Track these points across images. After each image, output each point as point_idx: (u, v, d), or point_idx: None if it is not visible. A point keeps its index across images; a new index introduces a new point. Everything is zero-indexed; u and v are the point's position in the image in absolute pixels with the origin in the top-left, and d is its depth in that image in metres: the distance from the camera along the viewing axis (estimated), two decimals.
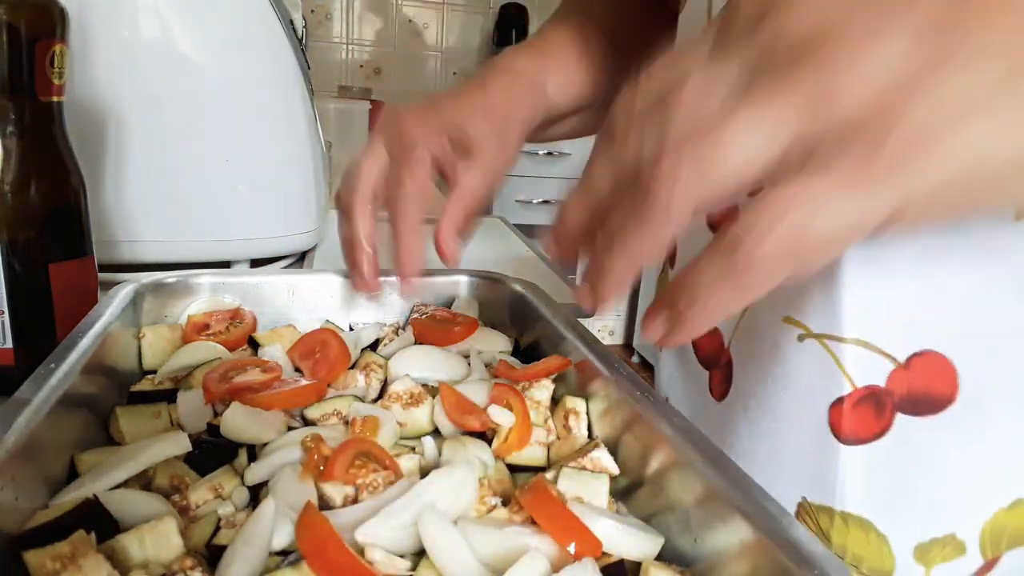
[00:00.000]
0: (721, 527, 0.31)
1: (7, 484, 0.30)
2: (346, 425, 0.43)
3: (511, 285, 0.60)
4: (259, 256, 0.76)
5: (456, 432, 0.43)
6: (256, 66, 0.73)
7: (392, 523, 0.33)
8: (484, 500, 0.37)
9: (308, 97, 0.81)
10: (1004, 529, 0.36)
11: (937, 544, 0.37)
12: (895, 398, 0.36)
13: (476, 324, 0.55)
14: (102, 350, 0.42)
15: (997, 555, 0.36)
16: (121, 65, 0.66)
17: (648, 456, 0.38)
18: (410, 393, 0.45)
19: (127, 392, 0.45)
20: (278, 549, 0.32)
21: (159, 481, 0.36)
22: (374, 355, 0.52)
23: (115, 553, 0.30)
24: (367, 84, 3.03)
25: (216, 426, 0.41)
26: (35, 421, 0.33)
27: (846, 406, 0.37)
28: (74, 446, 0.37)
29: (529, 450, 0.43)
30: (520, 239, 1.02)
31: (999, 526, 0.35)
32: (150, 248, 0.71)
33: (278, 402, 0.42)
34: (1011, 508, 0.35)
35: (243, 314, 0.55)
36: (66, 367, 0.38)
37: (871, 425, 0.37)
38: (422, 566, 0.32)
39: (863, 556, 0.38)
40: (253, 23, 0.72)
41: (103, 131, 0.67)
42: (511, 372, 0.48)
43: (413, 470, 0.39)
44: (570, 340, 0.49)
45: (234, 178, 0.72)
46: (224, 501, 0.36)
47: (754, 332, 0.42)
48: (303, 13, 1.01)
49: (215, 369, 0.45)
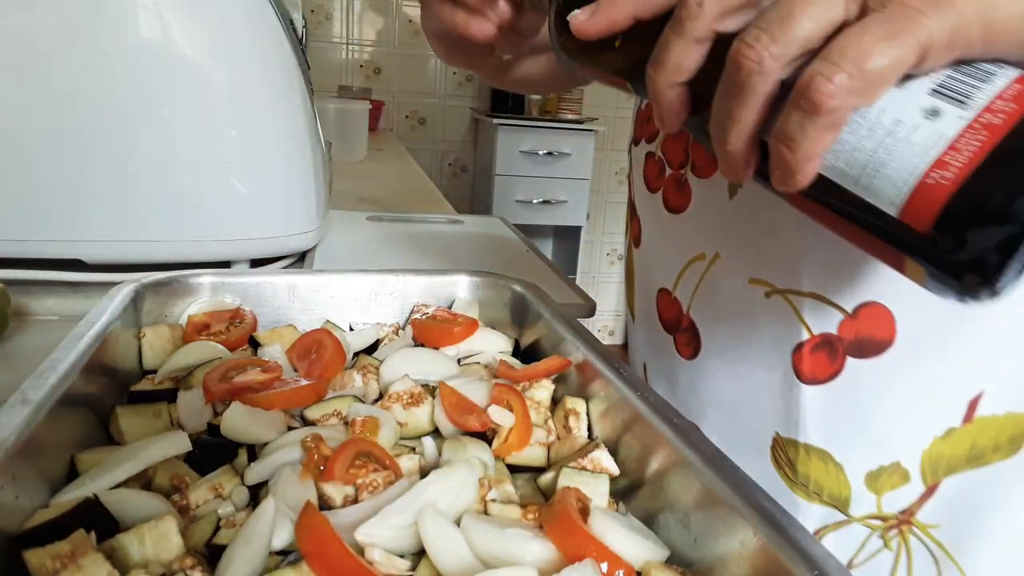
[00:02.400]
0: (721, 527, 0.31)
1: (7, 483, 0.30)
2: (346, 425, 0.43)
3: (511, 285, 0.60)
4: (259, 256, 0.76)
5: (456, 432, 0.43)
6: (256, 66, 0.73)
7: (392, 523, 0.33)
8: (484, 500, 0.37)
9: (308, 97, 0.81)
10: (941, 456, 0.40)
11: (885, 472, 0.42)
12: (845, 343, 0.41)
13: (476, 324, 0.55)
14: (102, 350, 0.42)
15: (936, 481, 0.41)
16: (121, 65, 0.66)
17: (648, 456, 0.38)
18: (410, 393, 0.45)
19: (127, 392, 0.45)
20: (278, 549, 0.32)
21: (159, 481, 0.36)
22: (369, 358, 0.52)
23: (115, 552, 0.30)
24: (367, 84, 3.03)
25: (216, 426, 0.41)
26: (35, 421, 0.33)
27: (805, 351, 0.43)
28: (74, 446, 0.37)
29: (529, 450, 0.43)
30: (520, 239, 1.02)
31: (936, 454, 0.40)
32: (150, 248, 0.71)
33: (278, 402, 0.42)
34: (945, 437, 0.40)
35: (243, 314, 0.55)
36: (66, 367, 0.38)
37: (826, 367, 0.42)
38: (422, 566, 0.32)
39: (824, 484, 0.43)
40: (253, 23, 0.72)
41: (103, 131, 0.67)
42: (511, 372, 0.48)
43: (413, 470, 0.39)
44: (570, 340, 0.49)
45: (234, 178, 0.72)
46: (224, 501, 0.36)
47: (716, 297, 0.48)
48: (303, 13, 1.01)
49: (215, 369, 0.45)
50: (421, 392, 0.46)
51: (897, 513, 0.42)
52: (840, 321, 0.41)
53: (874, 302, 0.40)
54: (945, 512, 0.41)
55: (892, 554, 0.44)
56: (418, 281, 0.60)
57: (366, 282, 0.59)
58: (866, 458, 0.43)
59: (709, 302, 0.49)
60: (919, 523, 0.42)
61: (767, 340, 0.45)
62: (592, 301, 0.74)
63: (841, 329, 0.41)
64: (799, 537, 0.28)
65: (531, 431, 0.43)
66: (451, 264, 0.62)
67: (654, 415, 0.38)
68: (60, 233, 0.67)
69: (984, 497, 0.40)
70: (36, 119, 0.65)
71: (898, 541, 0.42)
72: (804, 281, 0.42)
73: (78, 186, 0.67)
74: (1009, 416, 0.38)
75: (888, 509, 0.42)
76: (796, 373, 0.43)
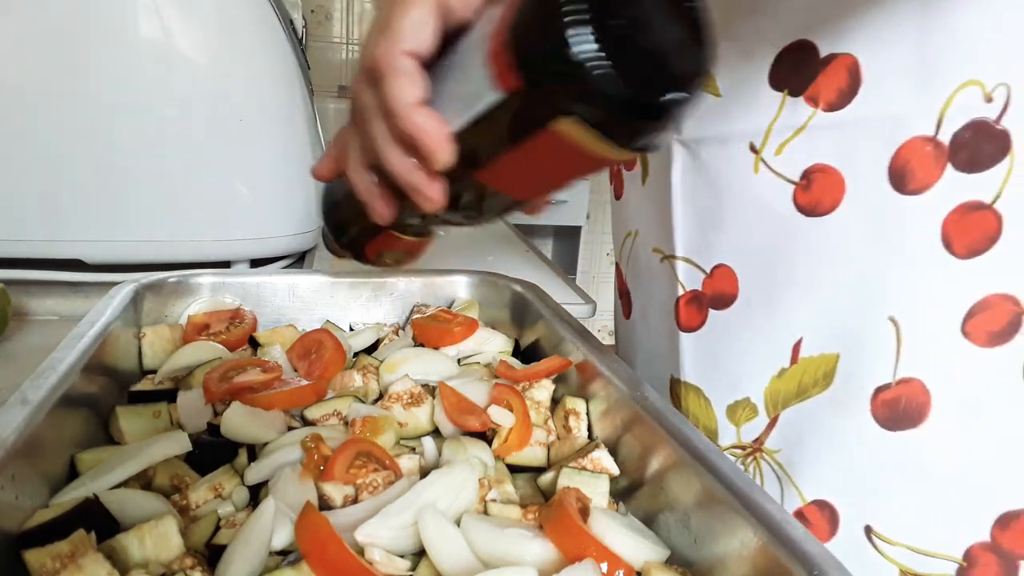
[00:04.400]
0: (720, 527, 0.31)
1: (7, 483, 0.30)
2: (346, 425, 0.43)
3: (511, 285, 0.60)
4: (259, 256, 0.76)
5: (456, 432, 0.43)
6: (256, 66, 0.73)
7: (392, 523, 0.33)
8: (484, 500, 0.37)
9: (308, 97, 0.81)
10: (778, 392, 0.48)
11: (739, 406, 0.50)
12: (707, 298, 0.50)
13: (476, 324, 0.55)
14: (102, 350, 0.42)
15: (777, 413, 0.48)
16: (121, 65, 0.66)
17: (648, 456, 0.38)
18: (410, 393, 0.45)
19: (127, 392, 0.45)
20: (278, 549, 0.32)
21: (159, 481, 0.36)
22: (369, 358, 0.52)
23: (115, 552, 0.30)
24: None
25: (216, 426, 0.40)
26: (35, 421, 0.33)
27: (681, 304, 0.52)
28: (74, 446, 0.37)
29: (529, 450, 0.43)
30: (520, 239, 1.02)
31: (774, 390, 0.48)
32: (150, 248, 0.71)
33: (278, 402, 0.42)
34: (779, 375, 0.47)
35: (243, 314, 0.55)
36: (66, 367, 0.38)
37: (695, 317, 0.51)
38: (422, 566, 0.32)
39: (699, 417, 0.52)
40: (253, 23, 0.72)
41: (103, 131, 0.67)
42: (511, 372, 0.48)
43: (413, 470, 0.39)
44: (570, 340, 0.49)
45: (234, 178, 0.72)
46: (224, 501, 0.36)
47: (637, 265, 0.59)
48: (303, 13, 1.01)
49: (215, 369, 0.45)
50: (421, 392, 0.45)
51: (751, 442, 0.50)
52: (703, 279, 0.50)
53: (723, 264, 0.49)
54: (783, 439, 0.48)
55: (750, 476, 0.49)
56: (418, 281, 0.60)
57: (366, 282, 0.59)
58: (725, 394, 0.51)
59: (634, 270, 0.60)
60: (767, 449, 0.49)
61: (663, 297, 0.54)
62: (592, 301, 0.74)
63: (704, 286, 0.51)
64: (799, 537, 0.28)
65: (531, 431, 0.43)
66: (451, 264, 0.62)
67: (654, 415, 0.38)
68: (60, 233, 0.67)
69: (810, 424, 0.46)
70: (37, 119, 0.65)
71: (754, 467, 0.50)
72: (678, 247, 0.51)
73: (78, 186, 0.67)
74: (822, 356, 0.45)
75: (745, 439, 0.50)
76: (677, 323, 0.52)
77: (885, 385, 0.43)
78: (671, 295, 0.53)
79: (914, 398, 0.42)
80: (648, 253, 0.56)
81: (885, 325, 0.42)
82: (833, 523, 0.46)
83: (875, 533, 0.44)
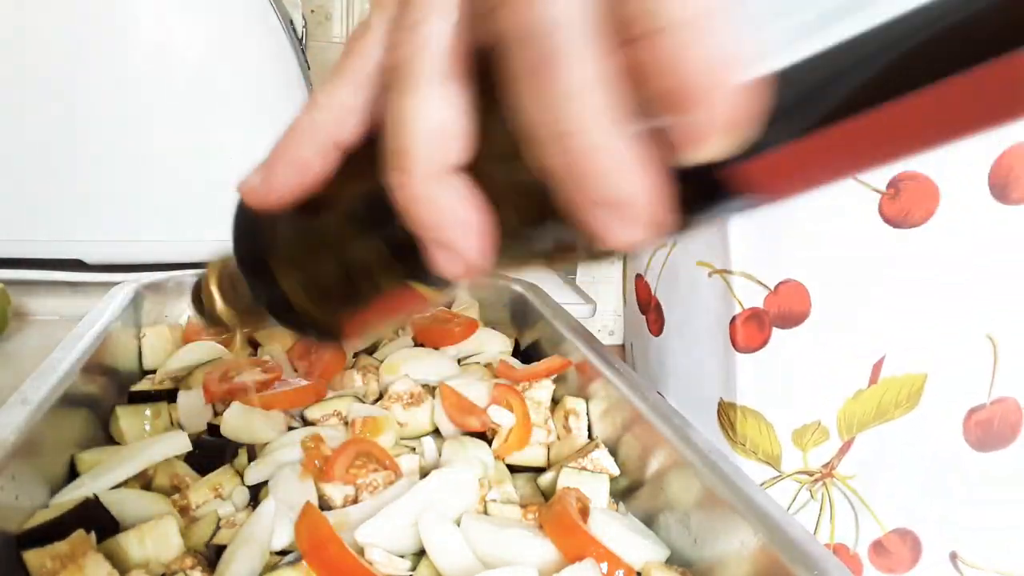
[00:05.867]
0: (721, 527, 0.31)
1: (7, 483, 0.30)
2: (346, 425, 0.43)
3: (511, 285, 0.60)
4: None
5: (456, 432, 0.43)
6: (256, 66, 0.73)
7: (392, 523, 0.33)
8: (484, 500, 0.37)
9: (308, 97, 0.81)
10: (853, 414, 0.45)
11: (808, 430, 0.47)
12: (770, 316, 0.47)
13: (476, 324, 0.55)
14: (102, 350, 0.42)
15: (851, 436, 0.46)
16: (121, 66, 0.66)
17: (648, 456, 0.38)
18: (410, 393, 0.45)
19: (127, 392, 0.45)
20: (278, 549, 0.32)
21: (159, 481, 0.36)
22: (369, 358, 0.52)
23: (115, 553, 0.30)
24: None
25: (216, 426, 0.40)
26: (35, 421, 0.33)
27: (738, 323, 0.49)
28: (74, 446, 0.37)
29: (529, 450, 0.43)
30: None
31: (849, 412, 0.45)
32: (150, 248, 0.71)
33: (278, 402, 0.42)
34: (855, 397, 0.45)
35: None
36: (66, 367, 0.38)
37: (755, 337, 0.48)
38: (422, 566, 0.32)
39: (758, 443, 0.49)
40: (253, 23, 0.72)
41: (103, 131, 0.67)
42: (511, 372, 0.48)
43: (413, 470, 0.39)
44: (570, 340, 0.49)
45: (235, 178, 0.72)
46: (224, 501, 0.36)
47: (675, 279, 0.55)
48: (303, 13, 1.01)
49: (215, 369, 0.45)
50: (421, 392, 0.45)
51: (820, 467, 0.47)
52: (765, 296, 0.47)
53: (791, 279, 0.46)
54: (859, 463, 0.46)
55: (817, 504, 0.49)
56: None
57: None
58: (791, 418, 0.48)
59: (670, 284, 0.56)
60: (839, 475, 0.47)
61: (711, 315, 0.51)
62: (592, 301, 0.74)
63: (766, 303, 0.47)
64: (799, 537, 0.28)
65: (531, 431, 0.43)
66: None
67: (654, 415, 0.38)
68: (60, 233, 0.67)
69: (891, 448, 0.44)
70: (37, 120, 0.65)
71: (822, 493, 0.48)
72: (734, 261, 0.48)
73: (78, 186, 0.67)
74: (907, 376, 0.43)
75: (813, 464, 0.48)
76: (732, 343, 0.49)
77: (979, 405, 0.41)
78: (725, 313, 0.49)
79: (1007, 417, 0.40)
80: (691, 267, 0.52)
81: (982, 343, 0.40)
82: (915, 551, 0.44)
83: (961, 559, 0.43)
